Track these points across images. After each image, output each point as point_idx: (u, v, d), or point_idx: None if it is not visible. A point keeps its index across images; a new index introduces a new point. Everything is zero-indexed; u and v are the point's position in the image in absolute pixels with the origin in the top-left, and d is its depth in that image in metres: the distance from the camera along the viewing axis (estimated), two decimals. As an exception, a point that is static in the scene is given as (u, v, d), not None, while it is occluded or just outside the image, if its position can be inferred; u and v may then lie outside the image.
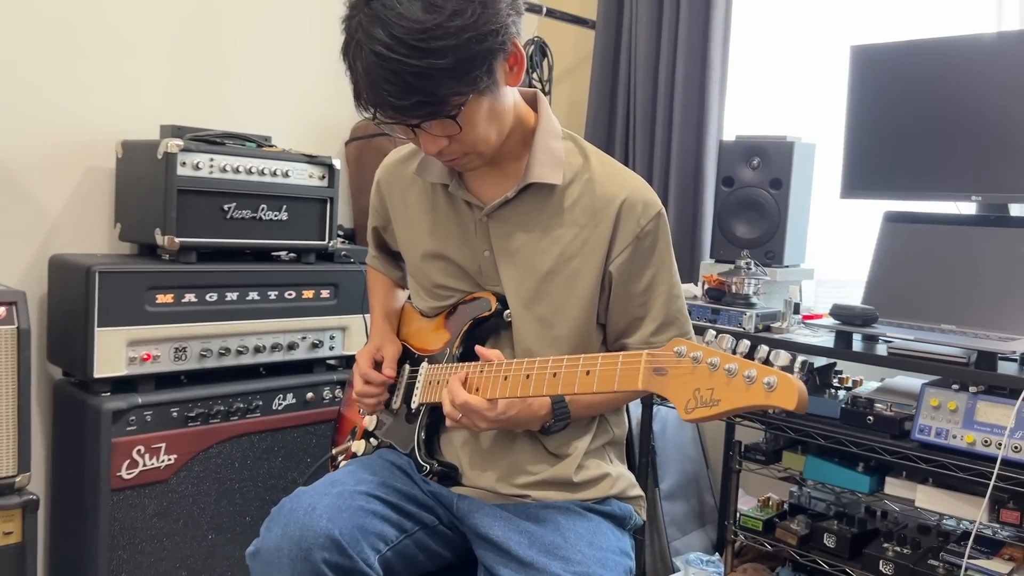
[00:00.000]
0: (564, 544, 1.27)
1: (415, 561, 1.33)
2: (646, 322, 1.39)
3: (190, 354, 2.11)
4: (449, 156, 1.29)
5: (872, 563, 1.96)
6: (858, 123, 2.21)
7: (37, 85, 2.16)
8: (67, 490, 2.10)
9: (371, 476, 1.34)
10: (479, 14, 1.14)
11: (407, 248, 1.53)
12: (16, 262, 2.16)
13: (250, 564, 1.24)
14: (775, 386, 0.95)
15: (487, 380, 1.26)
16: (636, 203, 1.35)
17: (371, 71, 1.16)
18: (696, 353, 1.04)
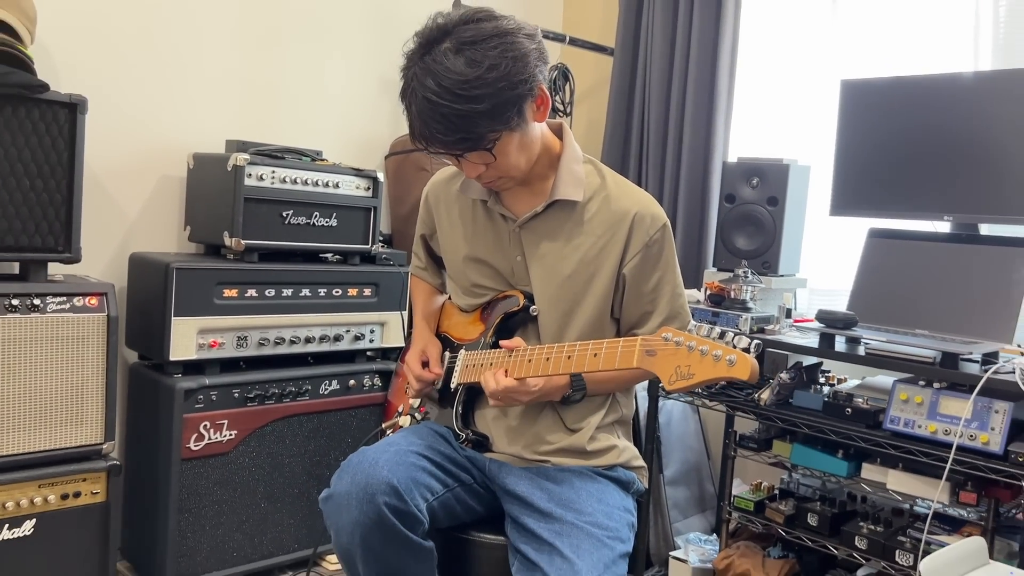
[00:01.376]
0: (577, 500, 1.53)
1: (454, 512, 1.59)
2: (654, 316, 1.65)
3: (250, 342, 2.39)
4: (486, 179, 1.57)
5: (849, 539, 2.21)
6: (846, 148, 2.47)
7: (120, 104, 2.46)
8: (142, 459, 2.38)
9: (420, 440, 1.60)
10: (511, 67, 1.42)
11: (449, 253, 1.78)
12: (101, 258, 2.45)
13: (323, 507, 1.50)
14: (735, 362, 1.25)
15: (515, 364, 1.54)
16: (646, 216, 1.62)
17: (423, 113, 1.44)
18: (679, 338, 1.32)
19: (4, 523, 1.99)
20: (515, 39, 1.44)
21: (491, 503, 1.66)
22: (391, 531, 1.43)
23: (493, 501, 1.65)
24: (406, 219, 3.01)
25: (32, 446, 2.03)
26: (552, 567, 1.38)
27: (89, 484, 2.13)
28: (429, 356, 1.76)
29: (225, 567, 2.37)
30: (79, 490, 2.11)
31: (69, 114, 2.06)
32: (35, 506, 2.04)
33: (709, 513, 2.94)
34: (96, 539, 2.14)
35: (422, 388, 1.76)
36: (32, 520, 2.04)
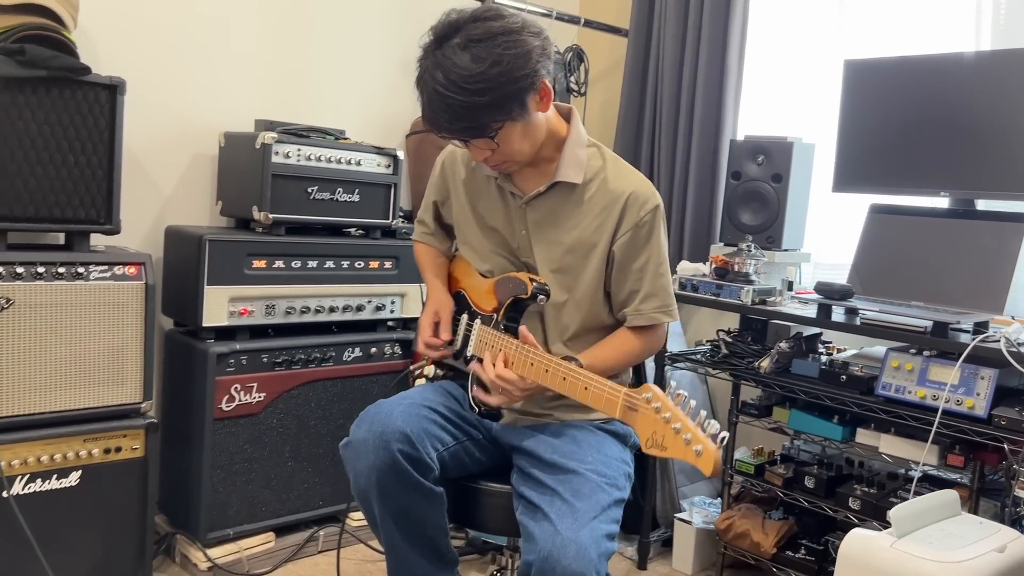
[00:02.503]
0: (578, 451, 1.65)
1: (463, 463, 1.73)
2: (638, 294, 1.76)
3: (278, 311, 2.54)
4: (492, 163, 1.69)
5: (843, 500, 2.33)
6: (849, 127, 2.55)
7: (156, 85, 2.60)
8: (177, 418, 2.54)
9: (433, 396, 1.73)
10: (513, 64, 1.54)
11: (464, 220, 1.89)
12: (139, 230, 2.61)
13: (343, 452, 1.64)
14: (701, 454, 1.32)
15: (519, 359, 1.63)
16: (638, 198, 1.73)
17: (432, 102, 1.57)
18: (657, 404, 1.40)
19: (54, 473, 2.16)
20: (519, 37, 1.55)
21: (497, 457, 1.79)
22: (403, 475, 1.57)
23: (499, 455, 1.78)
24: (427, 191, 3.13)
25: (78, 403, 2.20)
26: (552, 508, 1.50)
27: (129, 440, 2.29)
28: (441, 318, 1.87)
29: (255, 521, 2.54)
30: (120, 445, 2.27)
31: (109, 95, 2.20)
32: (80, 459, 2.20)
33: (715, 480, 3.06)
34: (136, 492, 2.31)
35: (432, 354, 1.87)
36: (78, 471, 2.20)
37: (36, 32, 2.09)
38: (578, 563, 1.40)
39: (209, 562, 2.42)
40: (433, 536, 1.66)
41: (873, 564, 1.55)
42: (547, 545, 1.43)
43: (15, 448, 2.10)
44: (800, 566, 2.43)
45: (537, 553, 1.43)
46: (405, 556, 1.66)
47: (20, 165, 2.09)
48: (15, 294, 2.07)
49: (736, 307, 2.52)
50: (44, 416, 2.14)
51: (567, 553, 1.41)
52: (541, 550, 1.43)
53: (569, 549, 1.41)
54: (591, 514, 1.49)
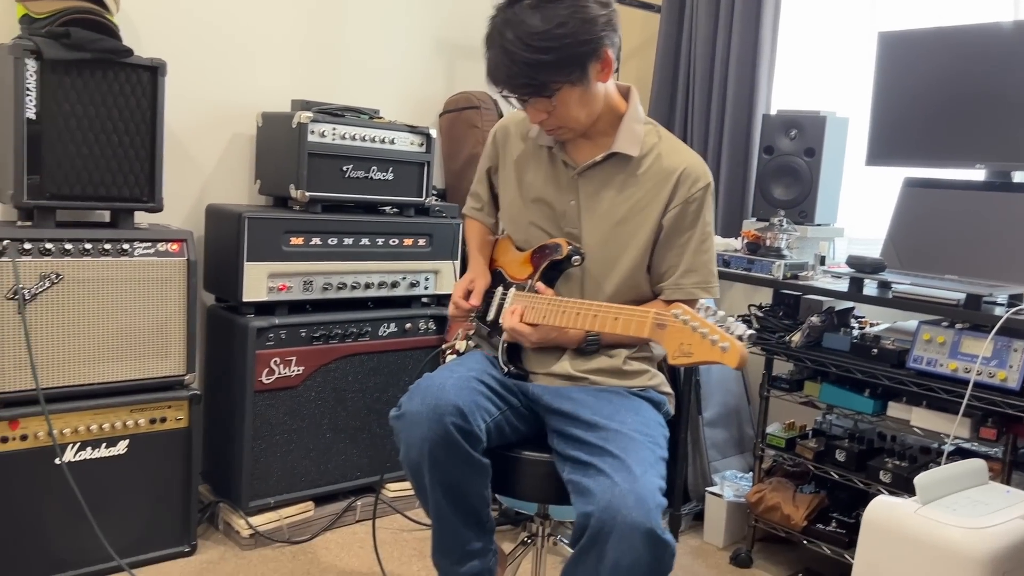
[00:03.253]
0: (617, 413, 1.67)
1: (503, 432, 1.75)
2: (679, 268, 1.79)
3: (315, 286, 2.60)
4: (548, 126, 1.73)
5: (874, 473, 2.33)
6: (883, 100, 2.53)
7: (195, 67, 2.67)
8: (219, 391, 2.62)
9: (477, 366, 1.77)
10: (578, 28, 1.59)
11: (510, 190, 1.92)
12: (180, 208, 2.68)
13: (394, 424, 1.68)
14: (728, 350, 1.36)
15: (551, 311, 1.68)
16: (691, 175, 1.76)
17: (497, 58, 1.63)
18: (686, 317, 1.45)
19: (103, 441, 2.26)
20: (587, 4, 1.61)
21: (533, 424, 1.81)
22: (455, 447, 1.60)
23: (535, 423, 1.81)
24: (458, 174, 3.17)
25: (124, 375, 2.28)
26: (604, 463, 1.52)
27: (173, 411, 2.38)
28: (475, 287, 1.91)
29: (294, 491, 2.61)
30: (165, 416, 2.36)
31: (151, 77, 2.27)
32: (128, 428, 2.29)
33: (748, 454, 3.07)
34: (180, 460, 2.40)
35: (458, 315, 1.91)
36: (126, 440, 2.30)
37: (81, 16, 2.16)
38: (638, 512, 1.42)
39: (251, 530, 2.50)
40: (476, 505, 1.70)
41: (897, 530, 1.56)
42: (606, 496, 1.45)
43: (66, 417, 2.19)
44: (831, 539, 2.44)
45: (596, 504, 1.46)
46: (451, 525, 1.71)
47: (67, 146, 2.17)
48: (64, 270, 2.16)
49: (768, 282, 2.52)
50: (93, 387, 2.24)
51: (627, 503, 1.43)
52: (600, 501, 1.45)
53: (628, 499, 1.44)
54: (643, 467, 1.52)
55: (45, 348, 2.15)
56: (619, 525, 1.42)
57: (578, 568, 1.51)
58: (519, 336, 1.73)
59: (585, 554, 1.48)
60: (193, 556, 2.44)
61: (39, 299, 2.13)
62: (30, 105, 2.11)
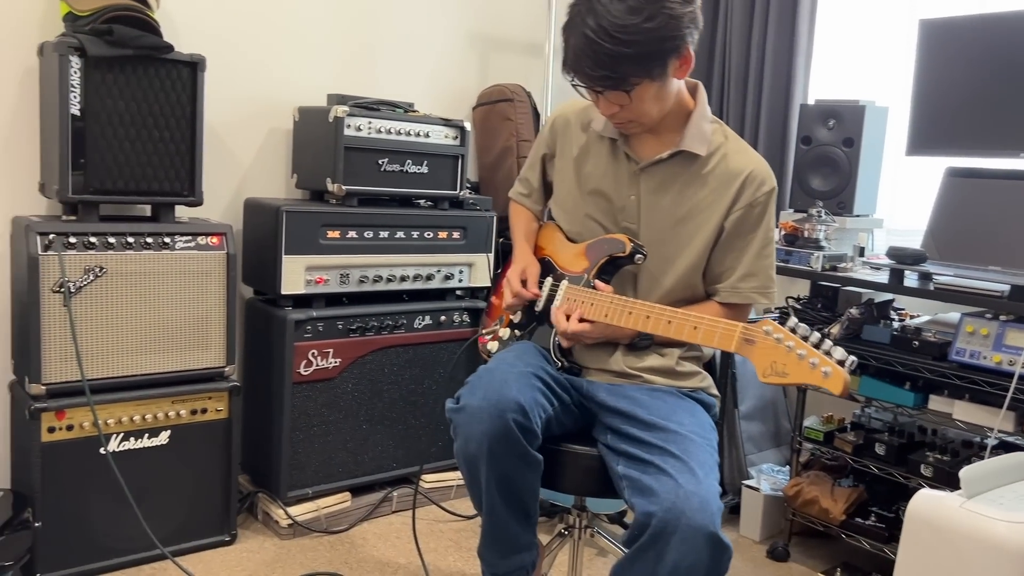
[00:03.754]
0: (673, 414, 1.66)
1: (551, 428, 1.74)
2: (737, 271, 1.76)
3: (351, 279, 2.62)
4: (618, 120, 1.70)
5: (915, 467, 2.30)
6: (924, 88, 2.49)
7: (233, 62, 2.69)
8: (259, 382, 2.65)
9: (534, 361, 1.75)
10: (665, 23, 1.55)
11: (563, 180, 1.90)
12: (219, 202, 2.72)
13: (453, 416, 1.66)
14: (830, 375, 1.35)
15: (614, 310, 1.66)
16: (756, 178, 1.73)
17: (578, 47, 1.58)
18: (779, 335, 1.42)
19: (145, 432, 2.30)
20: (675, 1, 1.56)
21: (579, 419, 1.81)
22: (514, 443, 1.60)
23: (581, 418, 1.81)
24: (492, 167, 3.18)
25: (166, 367, 2.32)
26: (667, 464, 1.52)
27: (214, 402, 2.41)
28: (528, 276, 1.90)
29: (331, 481, 2.64)
30: (206, 407, 2.40)
31: (190, 72, 2.30)
32: (170, 419, 2.33)
33: (784, 448, 3.05)
34: (221, 451, 2.43)
35: (516, 304, 1.90)
36: (168, 431, 2.33)
37: (123, 13, 2.19)
38: (702, 515, 1.42)
39: (289, 520, 2.53)
40: (527, 500, 1.70)
41: (942, 524, 1.54)
42: (670, 497, 1.45)
43: (110, 408, 2.23)
44: (870, 533, 2.42)
45: (660, 504, 1.45)
46: (501, 519, 1.70)
47: (110, 141, 2.21)
48: (107, 263, 2.20)
49: (806, 274, 2.49)
50: (136, 378, 2.28)
51: (691, 505, 1.43)
52: (664, 501, 1.45)
53: (692, 501, 1.43)
54: (705, 470, 1.51)
55: (90, 340, 2.19)
56: (682, 527, 1.42)
57: (635, 565, 1.50)
58: (579, 338, 1.71)
59: (644, 552, 1.48)
60: (233, 545, 2.48)
61: (84, 292, 2.17)
62: (74, 101, 2.14)
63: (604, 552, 2.57)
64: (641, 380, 1.77)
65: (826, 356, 1.37)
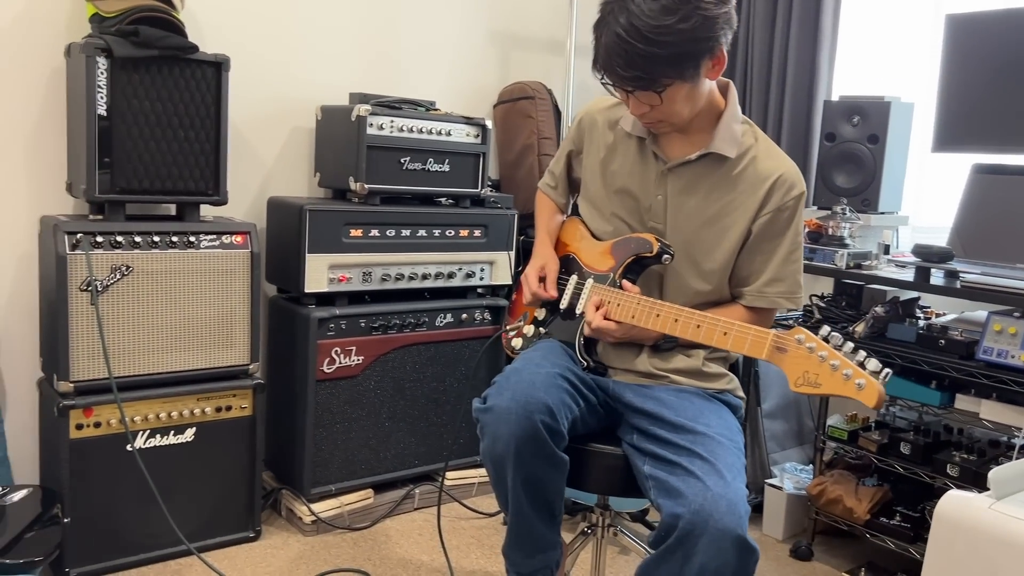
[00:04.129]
0: (701, 416, 1.66)
1: (576, 428, 1.74)
2: (763, 275, 1.74)
3: (374, 277, 2.63)
4: (648, 120, 1.68)
5: (941, 467, 2.28)
6: (950, 84, 2.46)
7: (256, 62, 2.71)
8: (282, 380, 2.67)
9: (560, 361, 1.75)
10: (700, 24, 1.52)
11: (591, 178, 1.89)
12: (243, 201, 2.74)
13: (481, 416, 1.66)
14: (864, 387, 1.33)
15: (641, 312, 1.65)
16: (786, 182, 1.71)
17: (610, 47, 1.55)
18: (811, 344, 1.40)
19: (171, 429, 2.32)
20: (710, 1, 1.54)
21: (604, 420, 1.81)
22: (542, 445, 1.60)
23: (606, 418, 1.81)
24: (513, 165, 3.18)
25: (191, 364, 2.34)
26: (694, 466, 1.51)
27: (238, 399, 2.43)
28: (547, 273, 1.89)
29: (354, 478, 2.66)
30: (230, 404, 2.41)
31: (215, 72, 2.32)
32: (195, 416, 2.35)
33: (807, 447, 3.03)
34: (245, 448, 2.45)
35: (535, 302, 1.90)
36: (193, 428, 2.36)
37: (148, 14, 2.20)
38: (730, 518, 1.41)
39: (313, 516, 2.55)
40: (552, 500, 1.70)
41: (970, 526, 1.53)
42: (698, 499, 1.44)
43: (136, 405, 2.26)
44: (895, 533, 2.40)
45: (688, 507, 1.44)
46: (527, 519, 1.71)
47: (136, 141, 2.23)
48: (134, 262, 2.22)
49: (830, 271, 2.48)
50: (162, 376, 2.30)
51: (719, 508, 1.42)
52: (692, 503, 1.44)
53: (720, 504, 1.42)
54: (732, 473, 1.51)
55: (116, 338, 2.22)
56: (710, 530, 1.41)
57: (661, 566, 1.50)
58: (604, 334, 1.70)
59: (670, 554, 1.47)
60: (258, 541, 2.50)
61: (110, 291, 2.19)
62: (101, 102, 2.17)
63: (626, 550, 2.57)
64: (668, 381, 1.76)
65: (860, 368, 1.35)
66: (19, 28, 2.30)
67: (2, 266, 2.35)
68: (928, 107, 2.57)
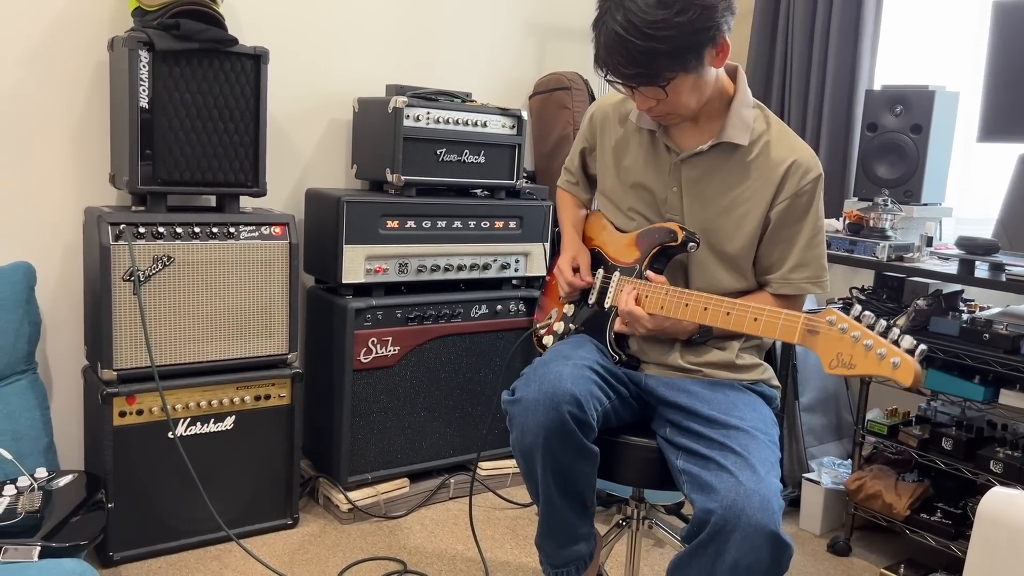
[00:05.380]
0: (735, 408, 1.64)
1: (609, 420, 1.74)
2: (787, 262, 1.72)
3: (410, 269, 2.65)
4: (656, 113, 1.66)
5: (984, 463, 2.24)
6: (997, 73, 2.40)
7: (294, 54, 2.73)
8: (320, 369, 2.70)
9: (589, 355, 1.74)
10: (699, 15, 1.49)
11: (608, 172, 1.88)
12: (281, 193, 2.76)
13: (509, 408, 1.67)
14: (899, 365, 1.30)
15: (670, 302, 1.64)
16: (800, 166, 1.68)
17: (609, 44, 1.53)
18: (843, 325, 1.38)
19: (211, 417, 2.36)
20: None
21: (637, 412, 1.81)
22: (570, 436, 1.60)
23: (639, 410, 1.80)
24: (548, 156, 3.17)
25: (231, 354, 2.38)
26: (727, 460, 1.50)
27: (277, 388, 2.46)
28: (580, 263, 1.89)
29: (390, 467, 2.68)
30: (269, 393, 2.45)
31: (254, 65, 2.34)
32: (235, 405, 2.39)
33: (846, 441, 2.99)
34: (283, 437, 2.48)
35: (571, 293, 1.89)
36: (233, 416, 2.39)
37: (189, 7, 2.23)
38: (763, 514, 1.41)
39: (350, 504, 2.58)
40: (583, 491, 1.70)
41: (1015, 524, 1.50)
42: (731, 494, 1.44)
43: (178, 393, 2.30)
44: (936, 529, 2.36)
45: (720, 502, 1.44)
46: (558, 510, 1.71)
47: (177, 133, 2.26)
48: (175, 252, 2.25)
49: (871, 264, 2.44)
50: (202, 364, 2.34)
51: (751, 503, 1.41)
52: (724, 499, 1.44)
53: (753, 499, 1.42)
54: (766, 467, 1.50)
55: (158, 327, 2.25)
56: (743, 525, 1.41)
57: (693, 561, 1.49)
58: (635, 321, 1.68)
59: (703, 549, 1.47)
60: (296, 528, 2.54)
61: (152, 281, 2.23)
62: (143, 95, 2.20)
63: (661, 543, 2.56)
64: (701, 375, 1.75)
65: (894, 346, 1.32)
66: (63, 22, 2.34)
67: (48, 256, 2.40)
68: (974, 96, 2.51)
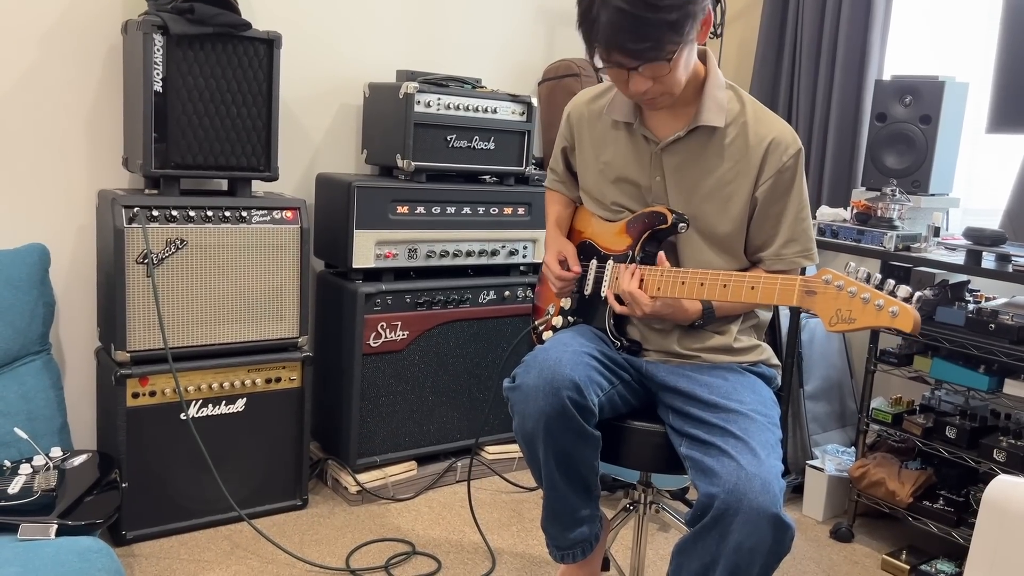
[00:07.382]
0: (735, 391, 1.67)
1: (615, 406, 1.77)
2: (777, 238, 1.74)
3: (419, 254, 2.67)
4: (649, 96, 1.64)
5: (987, 452, 2.26)
6: (1007, 64, 2.41)
7: (306, 39, 2.73)
8: (329, 353, 2.72)
9: (588, 342, 1.76)
10: None
11: (590, 170, 1.89)
12: (292, 177, 2.78)
13: (510, 395, 1.69)
14: (898, 314, 1.33)
15: (667, 282, 1.65)
16: (780, 144, 1.69)
17: (613, 22, 1.49)
18: (840, 282, 1.41)
19: (223, 399, 2.38)
20: None
21: (643, 397, 1.83)
22: (570, 421, 1.62)
23: (645, 396, 1.83)
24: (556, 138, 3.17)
25: (242, 336, 2.40)
26: (728, 445, 1.53)
27: (287, 371, 2.49)
28: (566, 255, 1.90)
29: (398, 450, 2.71)
30: (279, 376, 2.47)
31: (267, 49, 2.35)
32: (246, 387, 2.41)
33: (849, 429, 3.02)
34: (293, 419, 2.51)
35: (564, 287, 1.90)
36: (244, 399, 2.42)
37: (203, -8, 2.24)
38: (764, 497, 1.43)
39: (358, 486, 2.61)
40: (586, 475, 1.73)
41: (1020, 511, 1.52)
42: (732, 478, 1.46)
43: (190, 375, 2.32)
44: (938, 516, 2.39)
45: (722, 486, 1.46)
46: (562, 493, 1.74)
47: (190, 117, 2.28)
48: (188, 236, 2.27)
49: (878, 253, 2.46)
50: (214, 347, 2.36)
51: (753, 487, 1.44)
52: (726, 483, 1.46)
53: (755, 483, 1.44)
54: (766, 450, 1.52)
55: (171, 310, 2.28)
56: (745, 508, 1.43)
57: (698, 545, 1.52)
58: (635, 301, 1.67)
59: (707, 532, 1.49)
60: (305, 510, 2.57)
61: (166, 263, 2.25)
62: (157, 78, 2.21)
63: (666, 527, 2.59)
64: (699, 360, 1.77)
65: (891, 296, 1.35)
66: (77, 6, 2.35)
67: (62, 239, 2.42)
68: (983, 87, 2.52)
